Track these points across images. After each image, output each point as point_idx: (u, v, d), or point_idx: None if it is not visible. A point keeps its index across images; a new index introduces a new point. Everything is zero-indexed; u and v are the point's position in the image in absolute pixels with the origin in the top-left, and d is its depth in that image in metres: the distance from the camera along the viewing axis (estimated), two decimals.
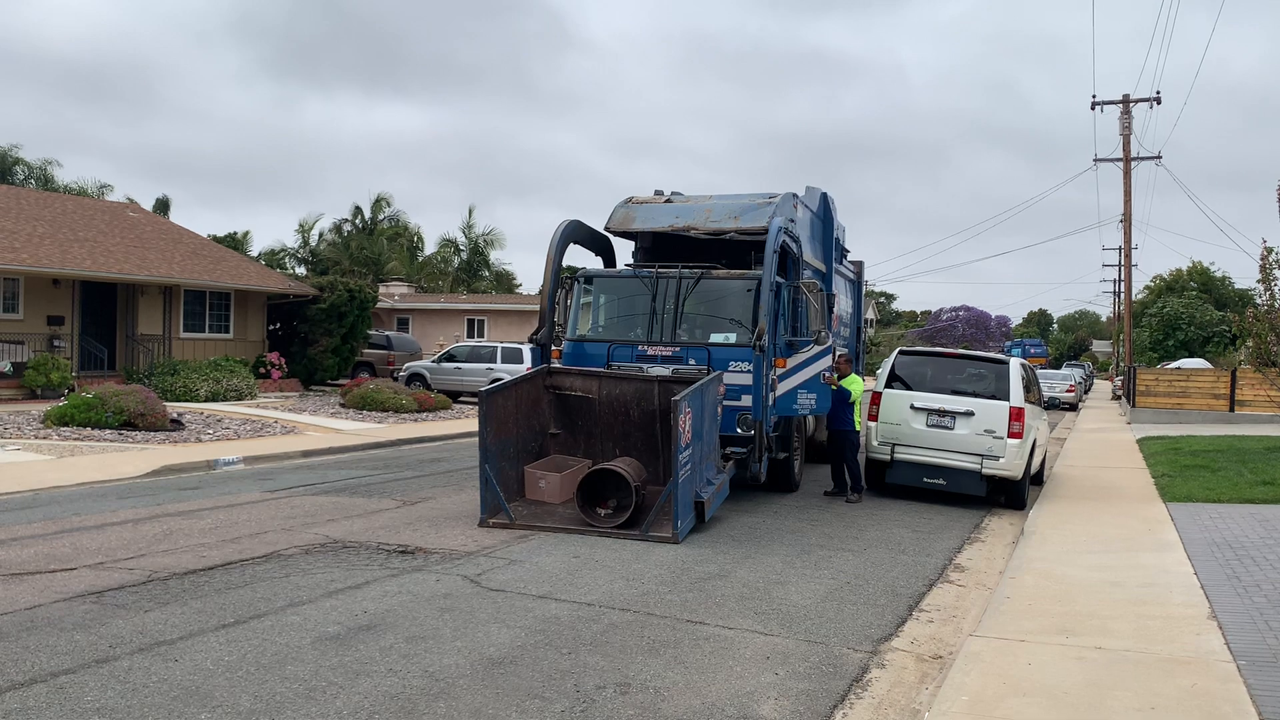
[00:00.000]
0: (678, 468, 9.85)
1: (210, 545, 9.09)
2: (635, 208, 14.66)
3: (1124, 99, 40.00)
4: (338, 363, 31.66)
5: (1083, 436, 25.45)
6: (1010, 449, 12.94)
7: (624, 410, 11.76)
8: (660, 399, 11.45)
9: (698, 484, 10.48)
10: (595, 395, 11.83)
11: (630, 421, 11.74)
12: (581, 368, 12.45)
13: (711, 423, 11.24)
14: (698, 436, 10.46)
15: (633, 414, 11.74)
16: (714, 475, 11.21)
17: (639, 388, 11.70)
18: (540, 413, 11.80)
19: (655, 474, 11.58)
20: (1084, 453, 20.77)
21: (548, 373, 12.05)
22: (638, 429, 11.67)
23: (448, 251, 65.27)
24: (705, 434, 10.84)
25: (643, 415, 11.68)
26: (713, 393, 11.31)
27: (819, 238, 16.57)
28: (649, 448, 11.61)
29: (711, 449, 11.24)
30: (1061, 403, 41.27)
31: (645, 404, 11.64)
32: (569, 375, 12.06)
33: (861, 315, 21.19)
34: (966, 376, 13.90)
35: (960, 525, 11.89)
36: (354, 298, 31.45)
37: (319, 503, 11.72)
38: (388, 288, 51.66)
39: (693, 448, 10.26)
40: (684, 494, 9.97)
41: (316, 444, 17.67)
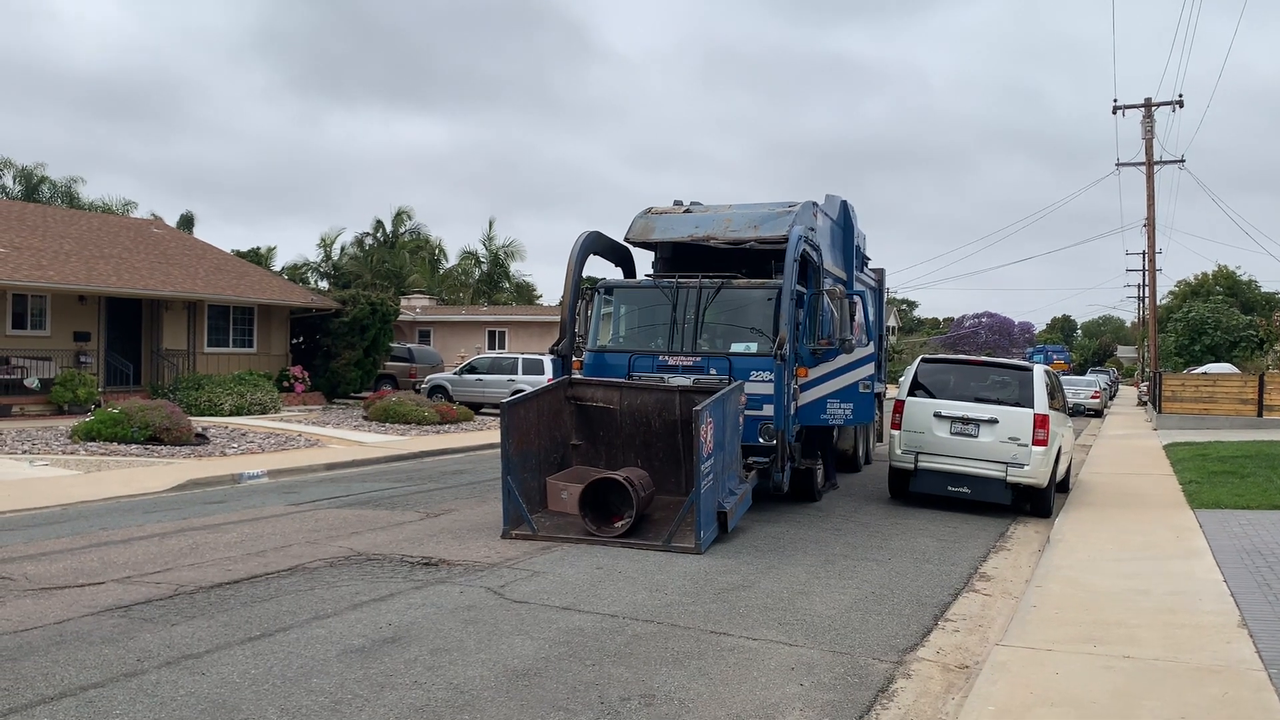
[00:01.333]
0: (700, 478, 9.84)
1: (235, 559, 9.15)
2: (655, 218, 14.68)
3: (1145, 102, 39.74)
4: (360, 375, 31.82)
5: (1109, 443, 25.23)
6: (1035, 456, 12.86)
7: (645, 420, 11.77)
8: (682, 409, 11.46)
9: (720, 494, 10.47)
10: (616, 406, 11.85)
11: (651, 432, 11.74)
12: (602, 378, 12.48)
13: (734, 433, 11.23)
14: (720, 447, 10.46)
15: (654, 424, 11.74)
16: (736, 485, 11.19)
17: (660, 398, 11.71)
18: (562, 424, 11.82)
19: (677, 484, 11.57)
20: (1110, 459, 20.58)
21: (569, 384, 12.07)
22: (659, 439, 11.68)
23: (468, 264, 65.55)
24: (727, 444, 10.83)
25: (664, 425, 11.68)
26: (734, 402, 11.31)
27: (839, 246, 16.53)
28: (671, 458, 11.60)
29: (734, 459, 11.23)
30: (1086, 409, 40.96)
31: (667, 414, 11.64)
32: (590, 386, 12.09)
33: (883, 323, 21.10)
34: (990, 384, 13.82)
35: (985, 534, 11.81)
36: (376, 311, 31.62)
37: (343, 515, 11.77)
38: (409, 300, 51.90)
39: (715, 458, 10.25)
40: (706, 504, 9.96)
41: (340, 457, 17.76)
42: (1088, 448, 23.64)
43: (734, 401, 11.30)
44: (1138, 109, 39.88)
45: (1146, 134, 39.67)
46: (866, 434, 18.28)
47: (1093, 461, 20.12)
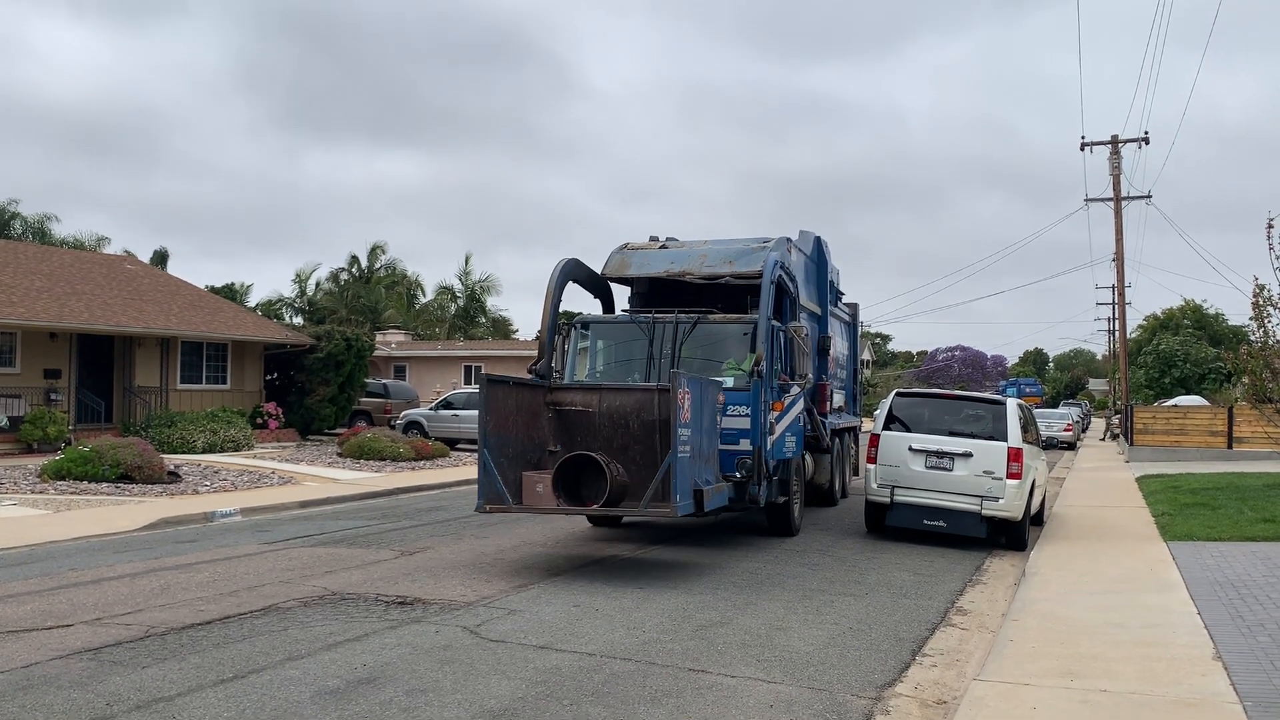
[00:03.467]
0: (676, 443, 9.82)
1: (208, 599, 9.03)
2: (630, 254, 14.75)
3: (1113, 140, 40.42)
4: (335, 412, 31.62)
5: (1082, 475, 25.41)
6: (1009, 490, 12.93)
7: (624, 423, 11.83)
8: (660, 409, 11.46)
9: (696, 474, 10.45)
10: (595, 408, 11.94)
11: (629, 434, 11.78)
12: (581, 383, 12.66)
13: (710, 432, 11.27)
14: (697, 428, 10.45)
15: (632, 426, 11.78)
16: (712, 479, 11.25)
17: (639, 399, 11.79)
18: (540, 427, 11.90)
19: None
20: (1083, 492, 20.72)
21: (548, 389, 12.15)
22: (637, 442, 11.66)
23: (445, 299, 65.49)
24: (704, 435, 10.88)
25: (643, 427, 11.71)
26: (711, 397, 11.39)
27: (814, 281, 16.68)
28: (649, 460, 11.61)
29: (710, 455, 11.26)
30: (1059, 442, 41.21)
31: (645, 414, 11.69)
32: (569, 391, 12.23)
33: (858, 357, 21.26)
34: (964, 417, 13.91)
35: (961, 567, 11.84)
36: (351, 346, 31.49)
37: (317, 554, 11.66)
38: (384, 336, 51.73)
39: (692, 432, 10.25)
40: (683, 473, 9.93)
41: (314, 494, 17.60)
42: (1061, 480, 23.79)
43: (711, 396, 11.39)
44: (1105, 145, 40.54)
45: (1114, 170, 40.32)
46: (843, 468, 18.34)
47: (1067, 494, 20.24)
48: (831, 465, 16.96)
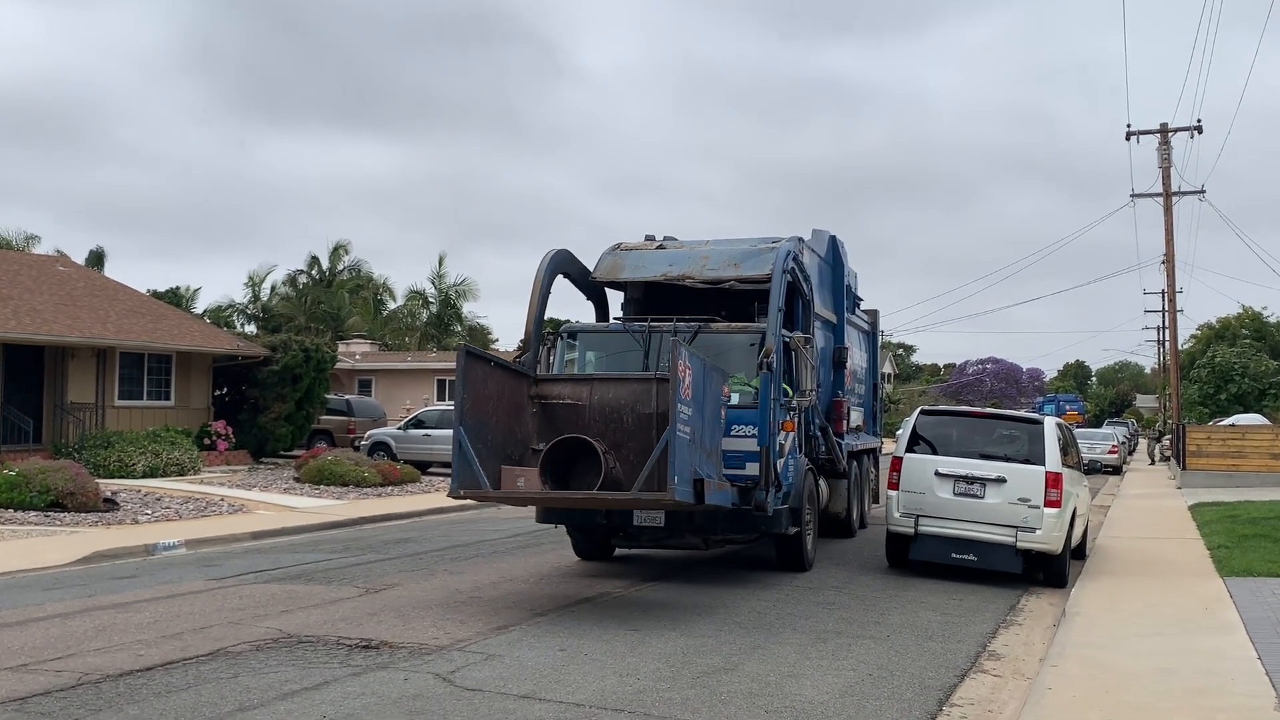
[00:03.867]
0: (675, 420, 9.80)
1: (149, 642, 8.99)
2: (624, 255, 14.77)
3: (1161, 128, 40.58)
4: (292, 431, 31.58)
5: (1128, 503, 25.45)
6: (1048, 519, 12.94)
7: (617, 417, 11.86)
8: (659, 401, 11.45)
9: (696, 462, 10.44)
10: (585, 401, 11.97)
11: (624, 430, 11.78)
12: (570, 374, 12.75)
13: (713, 424, 11.31)
14: (698, 411, 10.47)
15: (627, 420, 11.79)
16: (714, 475, 11.21)
17: (635, 390, 11.81)
18: (523, 422, 11.95)
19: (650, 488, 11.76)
20: (1130, 522, 20.74)
21: (534, 381, 12.23)
22: (632, 438, 11.64)
23: (415, 304, 65.55)
24: (706, 420, 10.90)
25: (638, 421, 11.71)
26: (716, 387, 11.43)
27: (828, 285, 16.73)
28: (645, 459, 11.62)
29: (713, 450, 11.26)
30: (1103, 466, 41.30)
31: (642, 407, 11.70)
32: (556, 383, 12.29)
33: (878, 370, 21.30)
34: (997, 438, 13.93)
35: (994, 607, 11.84)
36: (310, 358, 31.47)
37: (271, 591, 11.63)
38: (348, 346, 51.72)
39: (693, 413, 10.27)
40: (682, 454, 9.89)
41: (268, 524, 17.56)
42: (1105, 509, 23.82)
43: (716, 385, 11.43)
44: (1153, 135, 40.69)
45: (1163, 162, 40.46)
46: (861, 494, 18.35)
47: (1111, 524, 20.27)
48: (849, 492, 16.96)
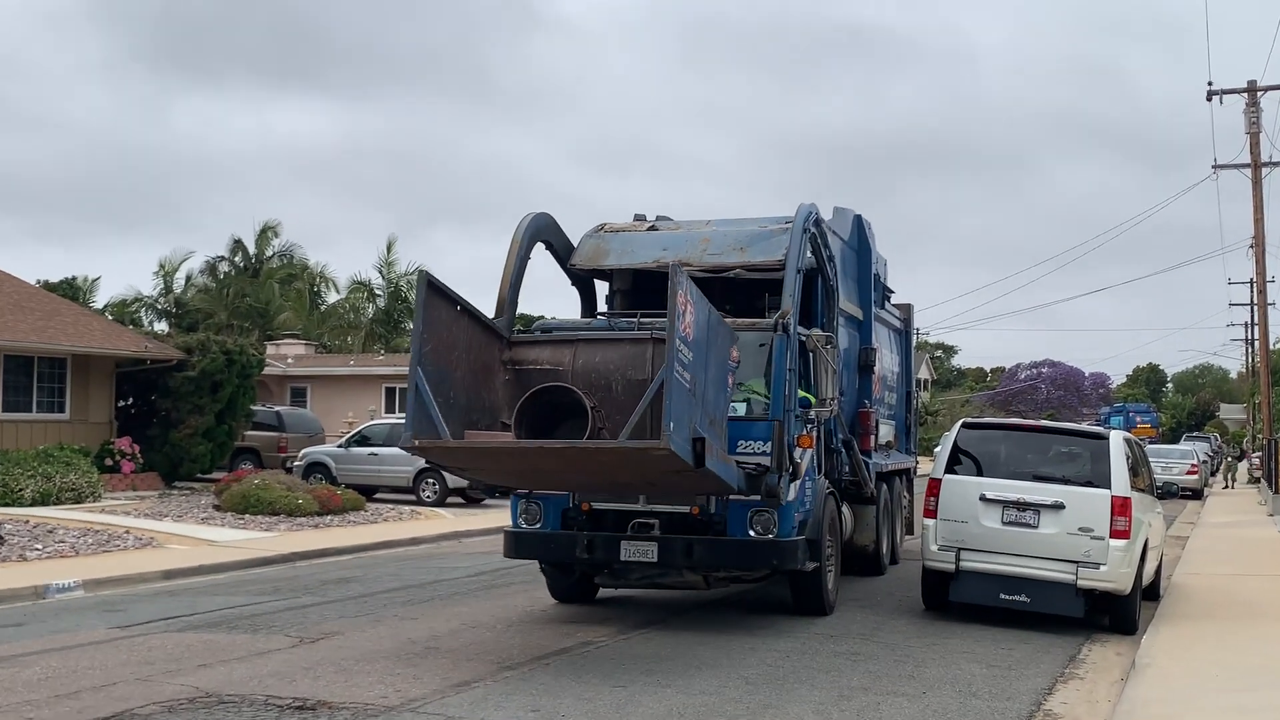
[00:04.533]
0: (673, 359, 9.86)
1: (40, 703, 8.95)
2: (609, 238, 14.78)
3: (1249, 86, 40.63)
4: (211, 450, 31.50)
5: (1210, 533, 25.53)
6: (1114, 553, 12.98)
7: (605, 384, 11.95)
8: (654, 365, 11.49)
9: (696, 417, 10.47)
10: (568, 367, 12.06)
11: (612, 400, 11.84)
12: (550, 335, 12.89)
13: (719, 386, 11.37)
14: (700, 360, 10.58)
15: (616, 389, 11.87)
16: (716, 444, 11.20)
17: (627, 353, 11.87)
18: (492, 388, 12.08)
19: None
20: (1213, 555, 20.82)
21: (508, 344, 12.38)
22: (621, 410, 11.66)
23: (359, 298, 65.47)
24: (710, 380, 10.98)
25: (629, 390, 11.77)
26: (725, 344, 11.51)
27: (852, 274, 16.76)
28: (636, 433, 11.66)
29: (717, 419, 11.25)
30: (1181, 489, 41.37)
31: (634, 373, 11.75)
32: (534, 346, 12.42)
33: (912, 375, 21.33)
34: (1053, 456, 13.95)
35: (1050, 657, 11.87)
36: (233, 362, 31.41)
37: (186, 641, 11.61)
38: (278, 347, 51.65)
39: (694, 358, 10.36)
40: (680, 400, 9.95)
41: (183, 561, 17.53)
42: (1183, 540, 23.90)
43: (724, 342, 11.49)
44: (1239, 95, 40.77)
45: (1251, 126, 40.55)
46: (892, 523, 18.39)
47: (1190, 558, 20.33)
48: (877, 520, 16.98)
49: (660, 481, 11.39)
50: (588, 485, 12.30)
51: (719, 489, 11.65)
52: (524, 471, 12.13)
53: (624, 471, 11.07)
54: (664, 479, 11.18)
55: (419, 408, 10.73)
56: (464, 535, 22.93)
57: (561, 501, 12.88)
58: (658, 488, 11.93)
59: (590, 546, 12.54)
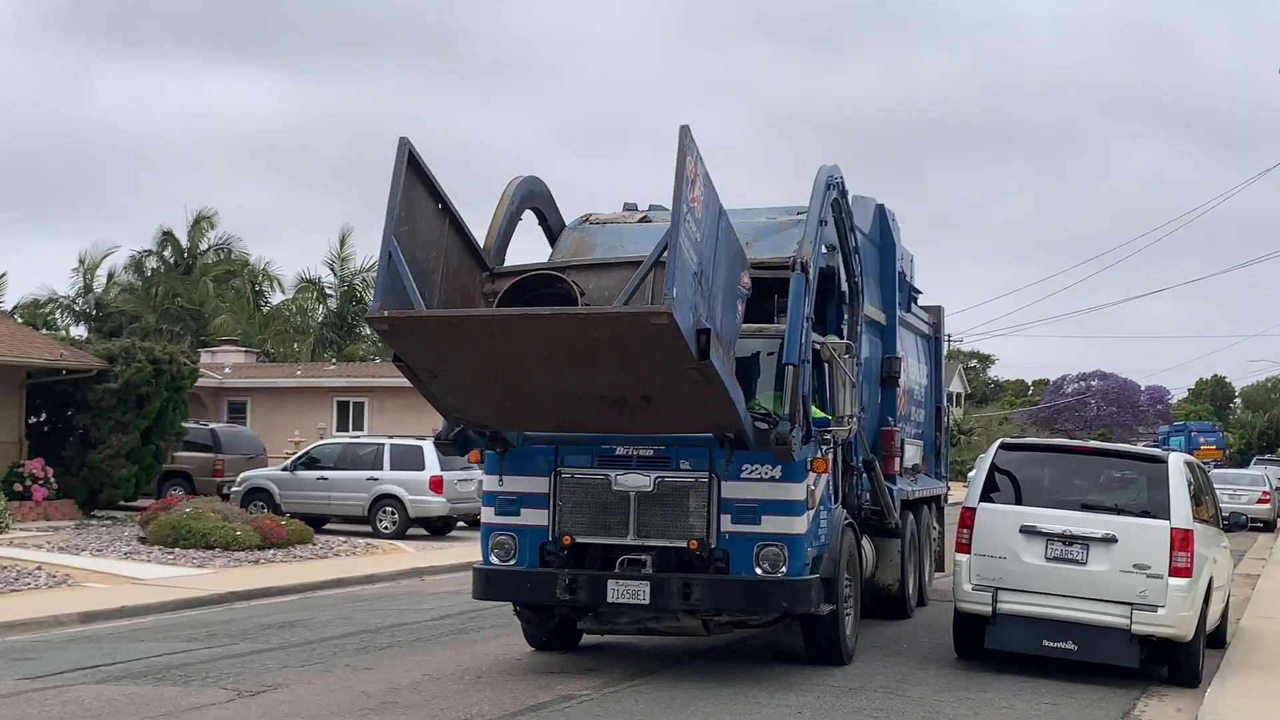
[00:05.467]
0: (680, 224, 10.05)
1: None
2: (594, 231, 14.79)
3: None
4: (136, 473, 31.39)
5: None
6: (1174, 594, 12.98)
7: None
8: (656, 291, 11.26)
9: (699, 307, 10.62)
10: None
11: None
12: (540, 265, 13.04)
13: (729, 294, 11.54)
14: (708, 249, 10.84)
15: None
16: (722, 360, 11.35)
17: (626, 279, 11.82)
18: None
19: None
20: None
21: (491, 274, 12.62)
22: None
23: (308, 298, 65.29)
24: (717, 282, 11.17)
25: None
26: (734, 258, 11.82)
27: (873, 272, 16.78)
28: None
29: (724, 338, 11.38)
30: (1251, 520, 41.43)
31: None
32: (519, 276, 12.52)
33: (942, 389, 21.37)
34: (1104, 482, 13.97)
35: (1101, 714, 11.88)
36: (162, 372, 31.32)
37: (107, 695, 11.55)
38: (214, 355, 51.55)
39: (702, 238, 10.57)
40: (685, 277, 10.11)
41: (103, 602, 17.48)
42: (1253, 579, 23.93)
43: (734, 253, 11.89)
44: None
45: None
46: (919, 559, 18.38)
47: (1261, 600, 20.35)
48: (902, 555, 16.98)
49: (658, 390, 11.27)
50: (576, 399, 11.91)
51: (725, 418, 11.54)
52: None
53: (617, 362, 10.94)
54: (663, 383, 11.10)
55: (391, 278, 10.79)
56: (427, 572, 22.88)
57: (539, 535, 12.89)
58: (655, 406, 11.64)
59: (572, 586, 12.52)
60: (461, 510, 29.46)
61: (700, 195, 10.60)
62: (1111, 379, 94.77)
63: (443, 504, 28.94)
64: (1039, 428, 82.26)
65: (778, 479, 12.37)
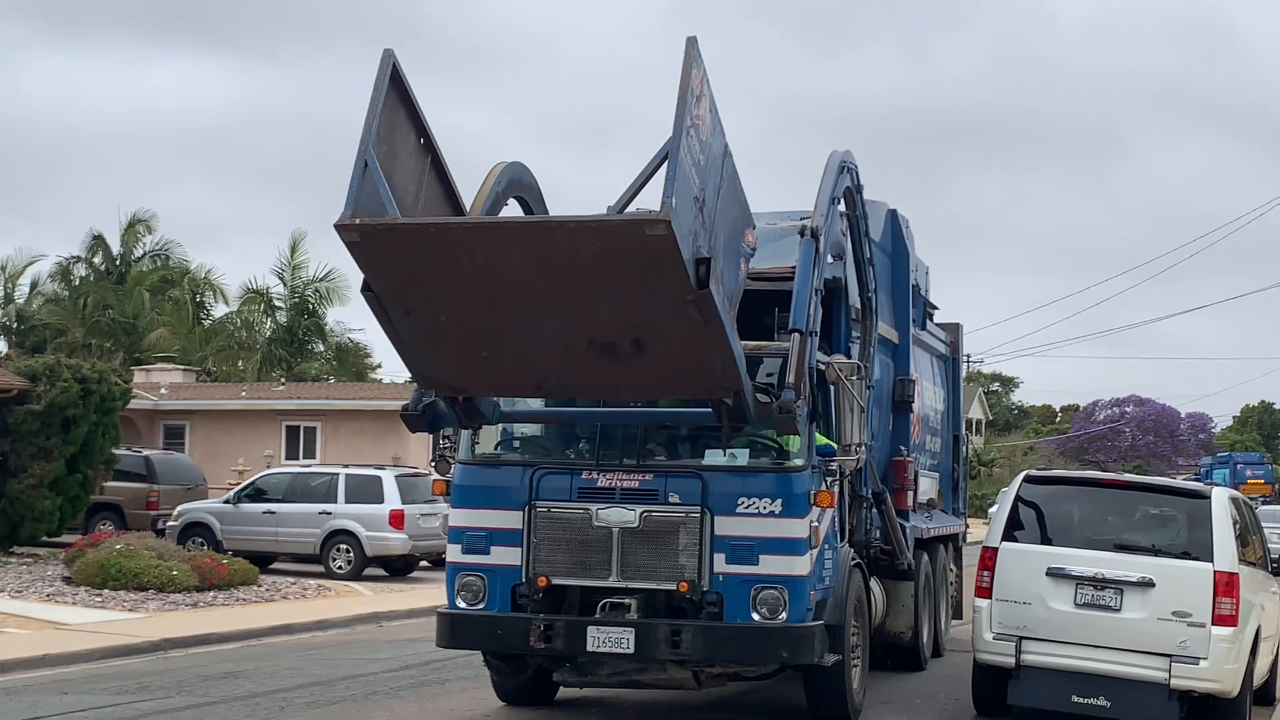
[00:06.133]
0: (682, 136, 10.15)
1: None
2: None
3: None
4: (61, 505, 31.28)
5: None
6: (1218, 644, 12.99)
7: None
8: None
9: (701, 241, 10.73)
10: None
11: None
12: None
13: (730, 262, 11.69)
14: (712, 174, 11.04)
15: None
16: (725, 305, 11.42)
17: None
18: None
19: None
20: None
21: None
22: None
23: (255, 310, 65.19)
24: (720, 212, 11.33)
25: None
26: (739, 210, 12.12)
27: (885, 285, 16.80)
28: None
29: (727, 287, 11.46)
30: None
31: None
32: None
33: (960, 415, 21.38)
34: (1140, 519, 13.99)
35: None
36: (90, 393, 31.23)
37: None
38: (149, 374, 51.48)
39: (705, 163, 10.75)
40: (684, 178, 10.24)
41: (23, 649, 17.43)
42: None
43: (739, 202, 12.18)
44: None
45: None
46: (935, 604, 18.38)
47: None
48: (916, 600, 16.99)
49: (651, 331, 11.10)
50: (561, 346, 11.62)
51: (725, 373, 11.39)
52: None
53: (607, 289, 10.84)
54: (657, 321, 10.97)
55: (365, 185, 10.68)
56: (386, 617, 22.84)
57: (511, 575, 12.83)
58: (648, 355, 11.41)
59: (548, 633, 12.48)
60: (424, 548, 29.44)
61: (706, 116, 10.73)
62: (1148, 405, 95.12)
63: (403, 541, 28.88)
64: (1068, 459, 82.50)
65: (777, 514, 12.36)
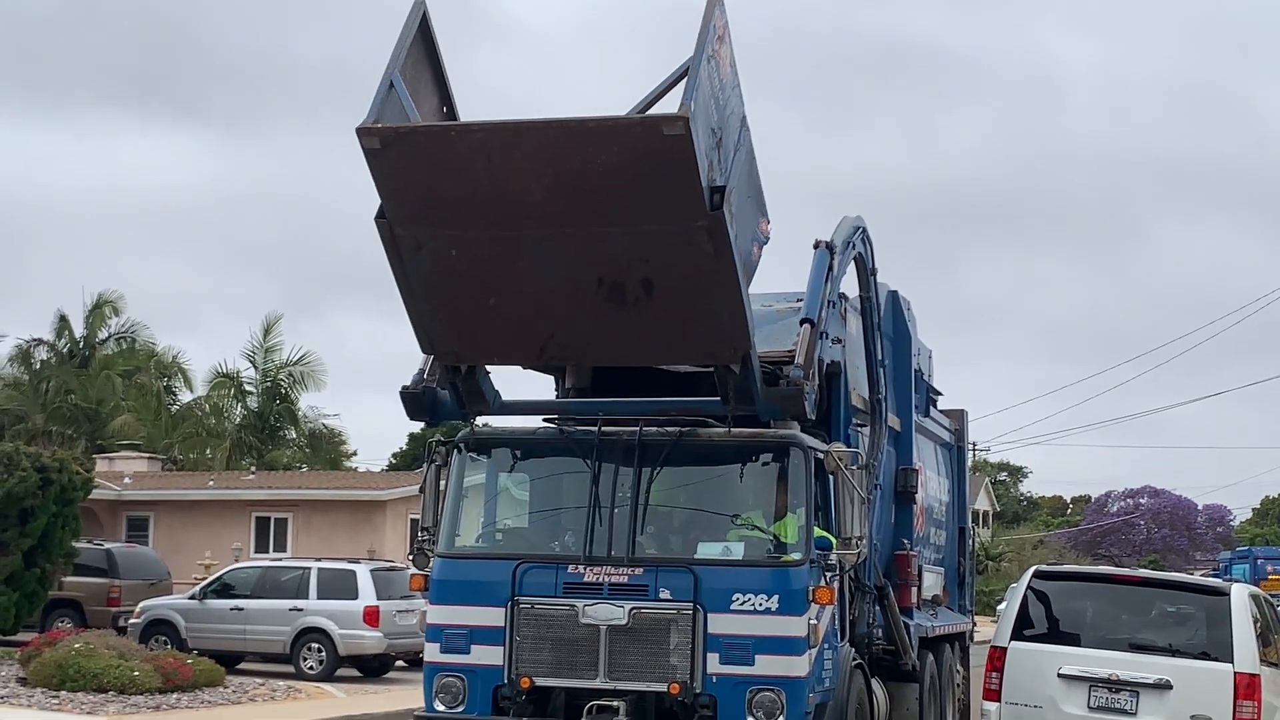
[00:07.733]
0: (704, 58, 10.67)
1: None
2: None
3: None
4: (17, 601, 31.15)
5: None
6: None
7: None
8: None
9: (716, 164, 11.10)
10: None
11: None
12: None
13: (747, 236, 12.24)
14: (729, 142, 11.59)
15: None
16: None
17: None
18: None
19: None
20: None
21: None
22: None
23: (224, 396, 65.22)
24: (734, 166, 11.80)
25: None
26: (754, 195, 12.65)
27: (886, 370, 16.84)
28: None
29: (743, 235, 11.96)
30: None
31: None
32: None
33: (966, 506, 21.38)
34: (1156, 618, 13.99)
35: None
36: (50, 482, 31.15)
37: None
38: (112, 463, 51.40)
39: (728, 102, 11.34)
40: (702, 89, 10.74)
41: None
42: None
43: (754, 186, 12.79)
44: None
45: None
46: (940, 707, 18.30)
47: None
48: (920, 702, 16.90)
49: (661, 268, 11.43)
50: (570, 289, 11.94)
51: (734, 329, 11.78)
52: (498, 199, 12.08)
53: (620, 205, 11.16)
54: (668, 253, 11.33)
55: (390, 99, 11.12)
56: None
57: (493, 676, 12.77)
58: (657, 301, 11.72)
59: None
60: (401, 647, 29.25)
61: (726, 58, 11.26)
62: (1164, 496, 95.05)
63: (379, 639, 28.70)
64: (1080, 553, 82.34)
65: (774, 611, 12.32)
